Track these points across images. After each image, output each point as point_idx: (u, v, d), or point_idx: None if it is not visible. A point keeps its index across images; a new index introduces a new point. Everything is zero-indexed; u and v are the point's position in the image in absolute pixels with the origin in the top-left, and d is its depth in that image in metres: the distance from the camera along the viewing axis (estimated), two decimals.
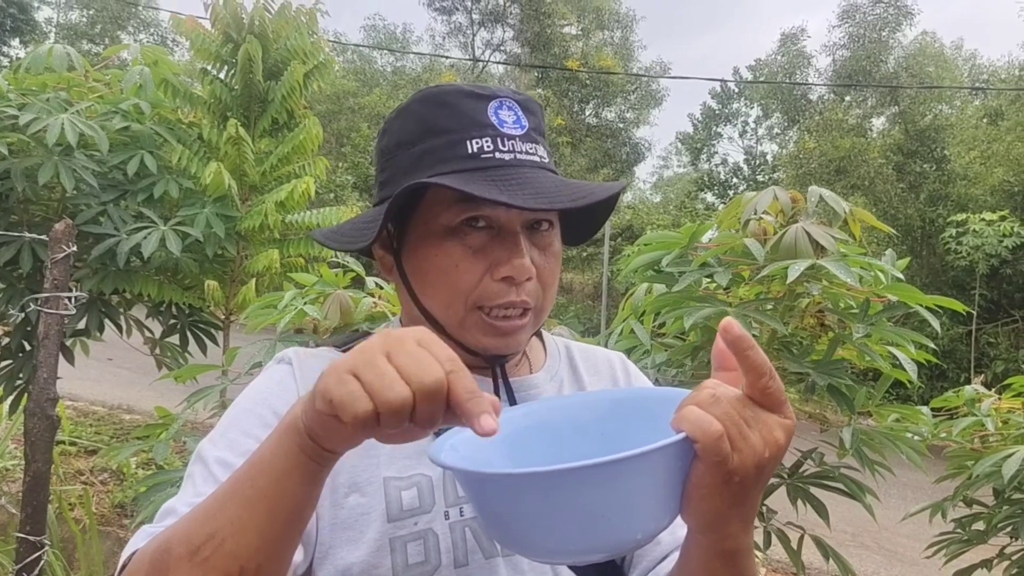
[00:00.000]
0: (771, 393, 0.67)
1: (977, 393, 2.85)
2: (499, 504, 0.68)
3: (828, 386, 1.96)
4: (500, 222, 0.93)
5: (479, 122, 0.94)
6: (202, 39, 4.14)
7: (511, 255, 0.92)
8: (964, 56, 20.56)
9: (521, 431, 0.87)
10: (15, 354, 3.69)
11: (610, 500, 0.65)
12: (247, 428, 0.90)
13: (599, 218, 1.09)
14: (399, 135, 0.99)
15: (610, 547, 0.69)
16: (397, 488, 0.91)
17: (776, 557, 5.51)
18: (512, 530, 0.69)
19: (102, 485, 5.48)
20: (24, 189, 3.40)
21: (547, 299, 0.98)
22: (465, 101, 0.95)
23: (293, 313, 2.21)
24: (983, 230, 12.25)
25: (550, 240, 0.98)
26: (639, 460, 0.63)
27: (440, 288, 0.94)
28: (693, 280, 2.08)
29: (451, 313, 0.95)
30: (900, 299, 1.96)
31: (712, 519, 0.70)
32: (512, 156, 0.93)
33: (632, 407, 0.86)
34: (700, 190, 25.70)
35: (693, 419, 0.65)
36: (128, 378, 9.06)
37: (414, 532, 0.90)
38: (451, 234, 0.93)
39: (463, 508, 0.93)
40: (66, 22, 26.32)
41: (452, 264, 0.93)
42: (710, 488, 0.67)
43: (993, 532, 2.70)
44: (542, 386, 1.06)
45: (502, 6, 22.95)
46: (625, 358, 1.18)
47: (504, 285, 0.93)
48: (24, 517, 2.69)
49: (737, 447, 0.65)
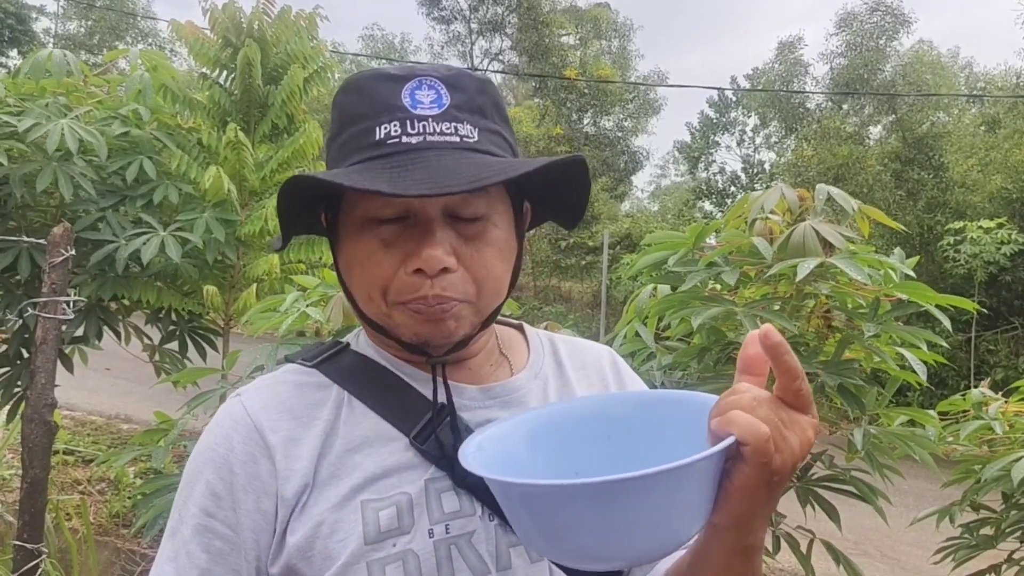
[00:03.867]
0: (803, 395, 0.71)
1: (984, 396, 2.83)
2: (553, 514, 0.68)
3: (838, 386, 1.93)
4: (415, 211, 0.87)
5: (389, 105, 0.87)
6: (201, 44, 4.14)
7: (421, 246, 0.86)
8: (960, 64, 20.63)
9: (541, 429, 0.87)
10: (13, 361, 3.67)
11: (671, 503, 0.67)
12: (201, 504, 0.89)
13: (577, 197, 1.00)
14: (331, 128, 0.96)
15: (664, 549, 0.71)
16: (375, 509, 0.86)
17: (780, 566, 5.48)
18: (565, 539, 0.69)
19: (99, 495, 5.45)
20: (22, 195, 3.38)
21: (484, 293, 0.91)
22: (380, 85, 0.89)
23: (295, 316, 2.18)
24: (981, 238, 12.23)
25: (481, 229, 0.90)
26: (700, 464, 0.65)
27: (360, 282, 0.91)
28: (700, 280, 2.05)
29: (377, 308, 0.90)
30: (911, 297, 1.93)
31: (746, 517, 0.73)
32: (421, 139, 0.86)
33: (655, 409, 0.86)
34: (698, 199, 25.71)
35: (743, 423, 0.68)
36: (125, 388, 9.03)
37: (392, 554, 0.84)
38: (366, 225, 0.89)
39: (449, 525, 0.87)
40: (64, 32, 26.34)
41: (367, 257, 0.89)
42: (753, 488, 0.69)
43: (1002, 537, 2.67)
44: (525, 387, 1.00)
45: (500, 16, 23.00)
46: (615, 354, 1.14)
47: (417, 279, 0.86)
48: (21, 524, 2.66)
49: (779, 448, 0.69)
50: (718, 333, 2.23)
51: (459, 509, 0.88)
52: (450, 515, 0.88)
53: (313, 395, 0.94)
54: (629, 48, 25.31)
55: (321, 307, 2.25)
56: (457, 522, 0.88)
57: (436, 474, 0.89)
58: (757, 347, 0.73)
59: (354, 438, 0.90)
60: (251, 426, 0.90)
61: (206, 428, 0.94)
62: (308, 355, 1.00)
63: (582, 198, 1.00)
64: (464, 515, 0.88)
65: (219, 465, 0.89)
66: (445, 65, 0.94)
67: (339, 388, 0.94)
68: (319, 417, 0.91)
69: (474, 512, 0.89)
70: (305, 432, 0.90)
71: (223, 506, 0.87)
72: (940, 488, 2.87)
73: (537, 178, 0.90)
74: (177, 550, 0.88)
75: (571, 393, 1.04)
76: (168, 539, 0.90)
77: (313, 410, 0.92)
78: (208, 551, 0.87)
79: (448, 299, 0.87)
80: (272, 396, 0.93)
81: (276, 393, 0.94)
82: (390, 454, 0.89)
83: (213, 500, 0.88)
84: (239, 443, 0.89)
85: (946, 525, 2.81)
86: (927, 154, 15.50)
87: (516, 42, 22.81)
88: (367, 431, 0.90)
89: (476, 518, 0.88)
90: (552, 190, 0.99)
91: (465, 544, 0.87)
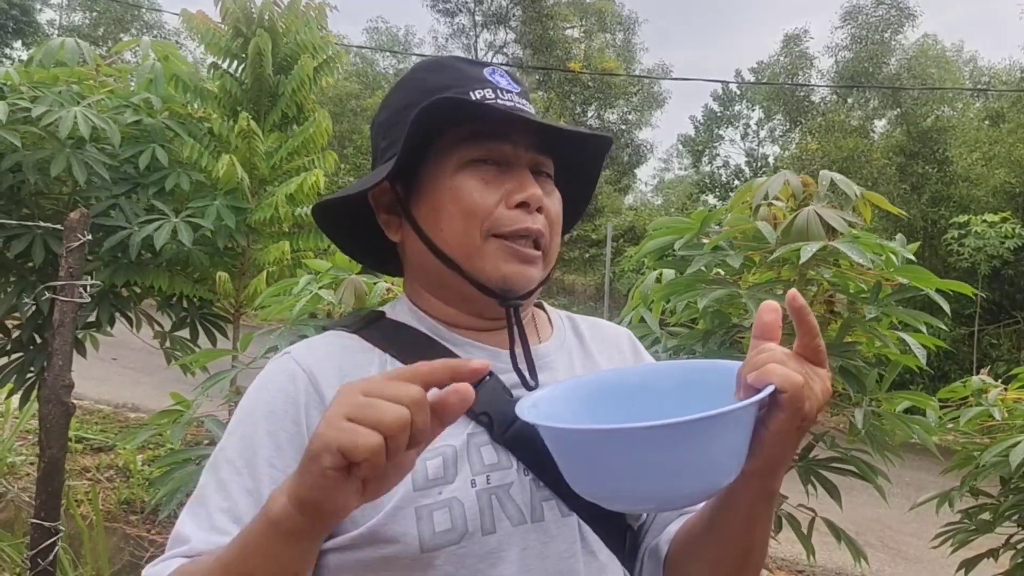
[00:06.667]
0: (820, 350, 0.80)
1: (984, 383, 2.86)
2: (622, 457, 0.72)
3: (840, 368, 1.97)
4: (508, 159, 0.98)
5: (479, 79, 1.00)
6: (212, 34, 4.17)
7: (523, 184, 0.97)
8: (965, 59, 20.58)
9: (593, 393, 0.93)
10: (26, 347, 3.70)
11: (719, 447, 0.73)
12: (268, 456, 0.91)
13: (586, 193, 1.14)
14: (403, 100, 1.02)
15: (706, 493, 0.79)
16: (422, 459, 0.90)
17: (781, 555, 5.52)
18: (624, 482, 0.74)
19: (108, 482, 5.50)
20: (36, 181, 3.42)
21: (553, 243, 1.02)
22: (463, 65, 1.03)
23: (308, 298, 2.22)
24: (985, 231, 12.24)
25: (552, 188, 1.03)
26: (747, 409, 0.72)
27: (456, 219, 0.97)
28: (705, 264, 2.09)
29: (469, 242, 0.97)
30: (911, 281, 1.97)
31: (776, 462, 0.82)
32: (512, 104, 0.99)
33: (698, 375, 0.91)
34: (701, 192, 25.70)
35: (781, 373, 0.75)
36: (133, 377, 9.09)
37: (439, 501, 0.89)
38: (463, 168, 0.97)
39: (489, 476, 0.93)
40: (69, 24, 26.33)
41: (467, 193, 0.96)
42: (786, 434, 0.78)
43: (1000, 521, 2.70)
44: (552, 354, 1.06)
45: (505, 8, 22.98)
46: (632, 336, 1.21)
47: (519, 212, 0.97)
48: (39, 503, 2.71)
49: (808, 396, 0.77)
50: (723, 317, 2.28)
51: (497, 462, 0.94)
52: (490, 467, 0.93)
53: (358, 356, 0.98)
54: (633, 41, 25.31)
55: (333, 289, 2.29)
56: (496, 474, 0.93)
57: (476, 429, 0.95)
58: (772, 314, 0.81)
59: None
60: (306, 380, 0.94)
61: (254, 385, 0.97)
62: (347, 323, 1.05)
63: (589, 191, 1.13)
64: (502, 468, 0.94)
65: (279, 416, 0.92)
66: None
67: (381, 351, 0.99)
68: (367, 376, 0.96)
69: (511, 465, 0.94)
70: None
71: (285, 457, 0.90)
72: (939, 475, 2.90)
73: (560, 163, 1.04)
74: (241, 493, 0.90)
75: (594, 363, 1.10)
76: (207, 500, 0.92)
77: (359, 369, 0.96)
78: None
79: (542, 233, 0.98)
80: (323, 354, 0.98)
81: (326, 352, 0.98)
82: None
83: (277, 452, 0.91)
84: (296, 396, 0.93)
85: (946, 514, 2.84)
86: (931, 148, 15.49)
87: (520, 35, 22.79)
88: None
89: (513, 471, 0.94)
90: (568, 176, 1.09)
91: (504, 495, 0.93)
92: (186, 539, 0.87)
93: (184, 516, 0.91)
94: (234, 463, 0.91)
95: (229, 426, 0.97)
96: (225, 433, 0.96)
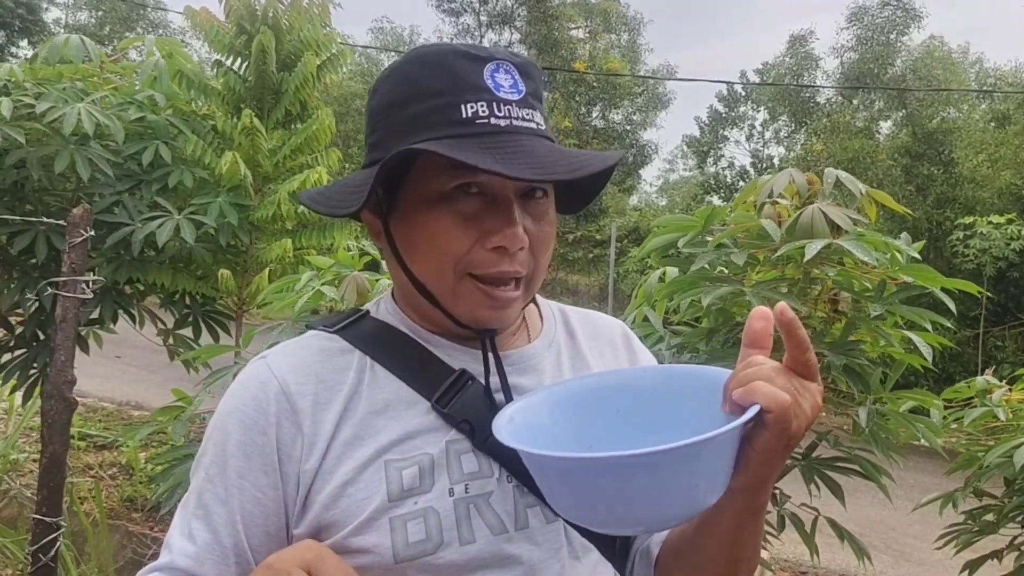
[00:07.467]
0: (811, 365, 0.77)
1: (988, 384, 2.85)
2: (604, 484, 0.71)
3: (844, 366, 1.96)
4: (494, 190, 0.90)
5: (474, 85, 0.89)
6: (216, 31, 4.17)
7: (504, 224, 0.88)
8: (971, 60, 20.53)
9: (575, 398, 0.91)
10: (29, 343, 3.70)
11: (701, 471, 0.71)
12: (237, 467, 0.90)
13: (596, 187, 1.04)
14: (391, 95, 0.94)
15: (688, 515, 0.77)
16: (398, 469, 0.89)
17: (784, 556, 5.50)
18: (605, 506, 0.73)
19: (111, 480, 5.50)
20: (39, 178, 3.42)
21: (538, 268, 0.95)
22: (460, 62, 0.90)
23: (310, 295, 2.22)
24: (990, 233, 12.20)
25: (545, 208, 0.95)
26: (731, 433, 0.70)
27: (430, 255, 0.91)
28: (709, 261, 2.08)
29: (442, 282, 0.92)
30: (916, 280, 1.96)
31: (762, 479, 0.79)
32: (508, 122, 0.88)
33: (674, 382, 0.89)
34: (706, 193, 25.64)
35: (766, 392, 0.73)
36: (136, 375, 9.10)
37: (414, 511, 0.88)
38: (442, 200, 0.89)
39: (468, 485, 0.91)
40: (75, 23, 26.40)
41: (442, 230, 0.89)
42: (772, 452, 0.75)
43: (1004, 522, 2.69)
44: (540, 355, 1.03)
45: (510, 8, 22.99)
46: (627, 327, 1.17)
47: (496, 255, 0.89)
48: (40, 499, 2.70)
49: (796, 414, 0.74)
50: (726, 315, 2.27)
51: (478, 470, 0.92)
52: (469, 475, 0.91)
53: (336, 359, 0.96)
54: (638, 42, 25.26)
55: (335, 286, 2.29)
56: (476, 483, 0.91)
57: (456, 436, 0.92)
58: (762, 321, 0.79)
59: (377, 401, 0.92)
60: (279, 389, 0.92)
61: (229, 390, 0.95)
62: (329, 322, 1.02)
63: (598, 188, 1.04)
64: (483, 476, 0.92)
65: (248, 427, 0.91)
66: (508, 50, 0.97)
67: (361, 353, 0.96)
68: (343, 381, 0.93)
69: (492, 474, 0.92)
70: (330, 396, 0.92)
71: (253, 468, 0.90)
72: (943, 476, 2.89)
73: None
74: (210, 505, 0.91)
75: (583, 362, 1.07)
76: (188, 506, 0.93)
77: (337, 374, 0.94)
78: (242, 511, 0.90)
79: (521, 274, 0.92)
80: (298, 359, 0.95)
81: (302, 357, 0.96)
82: (412, 417, 0.92)
83: (246, 462, 0.90)
84: (267, 405, 0.91)
85: (949, 516, 2.82)
86: (937, 149, 15.44)
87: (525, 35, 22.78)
88: (390, 395, 0.93)
89: (494, 479, 0.92)
90: (569, 185, 1.02)
91: (483, 504, 0.90)
92: (170, 546, 0.89)
93: (174, 519, 0.92)
94: (208, 471, 0.91)
95: (207, 429, 0.96)
96: (204, 435, 0.95)
